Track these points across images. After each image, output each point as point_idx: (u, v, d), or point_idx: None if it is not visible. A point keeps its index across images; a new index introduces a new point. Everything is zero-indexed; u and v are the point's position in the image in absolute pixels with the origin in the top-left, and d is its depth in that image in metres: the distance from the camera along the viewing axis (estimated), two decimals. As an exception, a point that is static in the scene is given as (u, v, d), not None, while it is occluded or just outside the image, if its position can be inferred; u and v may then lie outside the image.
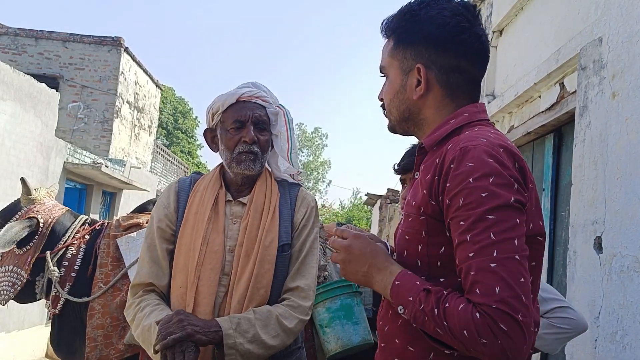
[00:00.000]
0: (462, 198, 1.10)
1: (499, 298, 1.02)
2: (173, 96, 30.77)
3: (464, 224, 1.09)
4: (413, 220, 1.23)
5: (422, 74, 1.28)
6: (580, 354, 2.62)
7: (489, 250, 1.05)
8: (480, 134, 1.19)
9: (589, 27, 2.88)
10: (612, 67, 2.59)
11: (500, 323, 1.01)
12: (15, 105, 7.59)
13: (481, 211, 1.07)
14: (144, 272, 1.82)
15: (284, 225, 1.84)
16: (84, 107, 13.95)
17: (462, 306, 1.05)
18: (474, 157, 1.12)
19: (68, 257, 2.60)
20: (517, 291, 1.03)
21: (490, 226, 1.06)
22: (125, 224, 2.65)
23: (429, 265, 1.20)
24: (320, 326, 2.29)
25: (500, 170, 1.10)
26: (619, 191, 2.42)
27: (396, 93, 1.33)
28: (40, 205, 2.68)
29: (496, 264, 1.04)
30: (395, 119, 1.37)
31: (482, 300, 1.03)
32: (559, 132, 3.59)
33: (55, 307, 2.55)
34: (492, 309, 1.02)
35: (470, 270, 1.06)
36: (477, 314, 1.03)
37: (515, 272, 1.04)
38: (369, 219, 26.38)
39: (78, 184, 10.76)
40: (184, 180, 1.97)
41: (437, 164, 1.19)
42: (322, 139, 44.45)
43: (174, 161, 20.44)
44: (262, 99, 1.89)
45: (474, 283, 1.05)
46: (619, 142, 2.46)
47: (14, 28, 14.18)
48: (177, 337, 1.54)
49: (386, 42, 1.37)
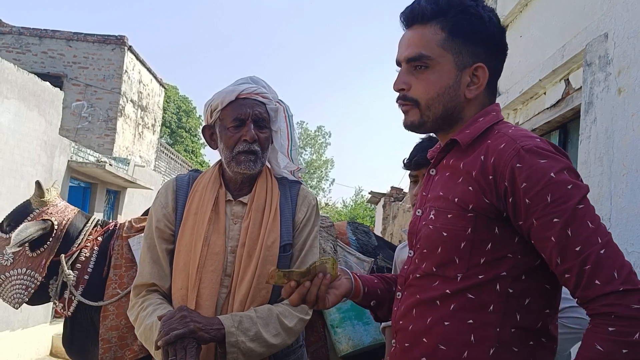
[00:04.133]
0: (549, 194, 1.09)
1: (622, 280, 1.03)
2: (177, 95, 30.79)
3: (559, 220, 1.08)
4: (455, 216, 1.19)
5: (482, 74, 1.26)
6: (586, 351, 2.60)
7: (594, 239, 1.07)
8: (528, 132, 1.20)
9: (595, 22, 2.86)
10: (618, 63, 2.57)
11: (632, 303, 1.02)
12: (19, 103, 7.60)
13: (574, 203, 1.09)
14: (146, 273, 1.81)
15: (285, 225, 1.82)
16: (88, 105, 13.97)
17: (597, 346, 1.03)
18: (541, 154, 1.12)
19: (81, 259, 2.59)
20: (628, 265, 1.06)
21: (584, 215, 1.09)
22: (137, 225, 2.64)
23: (469, 262, 1.17)
24: (331, 326, 2.28)
25: (568, 162, 1.14)
26: (625, 188, 2.40)
27: (447, 88, 1.25)
28: (53, 207, 2.65)
29: (604, 250, 1.06)
30: (434, 115, 1.27)
31: (607, 289, 1.03)
32: (564, 129, 3.57)
33: (68, 309, 2.55)
34: (619, 293, 1.02)
35: (584, 265, 1.06)
36: (609, 328, 1.02)
37: (618, 251, 1.08)
38: (372, 218, 26.35)
39: (82, 183, 10.78)
40: (181, 179, 1.93)
41: (483, 161, 1.17)
42: (325, 137, 44.43)
43: (177, 160, 20.47)
44: (262, 95, 1.84)
45: (592, 276, 1.05)
46: (625, 139, 2.44)
47: (18, 27, 14.21)
48: (179, 333, 1.53)
49: (429, 28, 1.26)
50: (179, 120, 30.28)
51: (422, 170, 2.08)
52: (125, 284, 2.50)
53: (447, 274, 1.20)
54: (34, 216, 2.59)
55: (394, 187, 14.29)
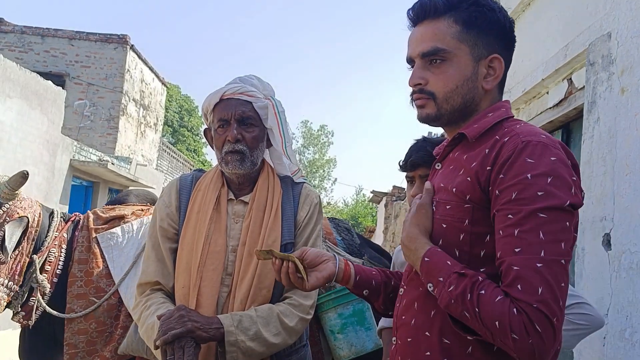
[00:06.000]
0: (516, 192, 1.08)
1: (541, 299, 1.01)
2: (179, 94, 30.85)
3: (513, 217, 1.07)
4: (453, 207, 1.19)
5: (498, 65, 1.26)
6: (589, 351, 2.60)
7: (536, 249, 1.04)
8: (536, 129, 1.18)
9: (598, 22, 2.85)
10: (621, 63, 2.56)
11: (537, 323, 1.01)
12: (22, 102, 7.61)
13: (534, 208, 1.06)
14: (151, 271, 1.81)
15: (286, 224, 1.82)
16: (90, 104, 14.00)
17: (500, 298, 1.04)
18: (534, 153, 1.10)
19: (51, 260, 2.26)
20: (558, 295, 1.03)
21: (541, 225, 1.05)
22: (105, 215, 2.41)
23: (469, 254, 1.17)
24: (331, 332, 2.24)
25: (560, 172, 1.09)
26: (628, 187, 2.39)
27: (466, 80, 1.25)
28: (24, 201, 2.24)
29: (542, 265, 1.03)
30: (451, 108, 1.26)
31: (523, 298, 1.02)
32: (567, 129, 3.55)
33: (28, 318, 2.21)
34: (532, 307, 1.01)
35: (513, 265, 1.05)
36: (514, 309, 1.02)
37: (559, 276, 1.04)
38: (374, 217, 26.35)
39: (84, 181, 10.80)
40: (185, 178, 1.94)
41: (487, 154, 1.17)
42: (328, 137, 44.42)
43: (179, 159, 20.49)
44: (247, 93, 1.83)
45: (517, 278, 1.04)
46: (628, 138, 2.44)
47: (20, 26, 14.23)
48: (177, 332, 1.53)
49: (442, 22, 1.25)
50: (181, 119, 30.34)
51: (418, 171, 2.06)
52: (94, 282, 2.24)
53: None
54: (5, 212, 2.16)
55: (395, 187, 14.26)
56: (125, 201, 2.59)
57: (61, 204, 9.34)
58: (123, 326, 2.18)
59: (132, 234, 2.37)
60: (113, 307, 2.22)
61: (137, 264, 2.25)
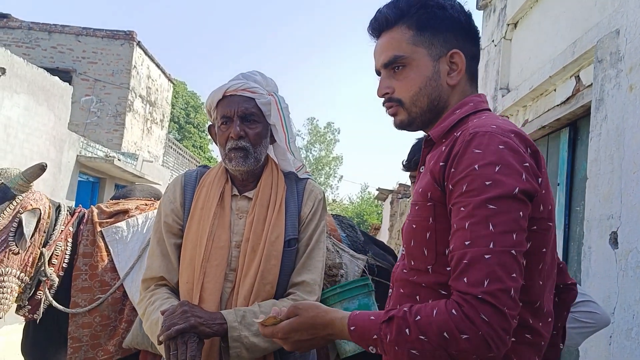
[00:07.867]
0: (466, 184, 1.07)
1: (486, 290, 0.99)
2: (185, 91, 30.90)
3: (464, 210, 1.06)
4: (420, 207, 1.20)
5: (459, 60, 1.27)
6: (595, 350, 2.59)
7: (485, 241, 1.02)
8: (489, 121, 1.17)
9: (606, 19, 2.83)
10: (630, 60, 2.54)
11: (482, 312, 0.99)
12: (29, 98, 7.64)
13: (482, 199, 1.04)
14: (156, 266, 1.81)
15: (290, 220, 1.82)
16: (97, 100, 14.05)
17: (436, 310, 1.03)
18: (481, 143, 1.09)
19: (57, 254, 2.26)
20: (508, 285, 1.00)
21: (490, 216, 1.04)
22: (109, 210, 2.41)
23: (435, 253, 1.16)
24: None
25: (509, 159, 1.07)
26: (636, 186, 2.37)
27: (428, 80, 1.27)
28: (36, 194, 2.25)
29: (490, 256, 1.01)
30: (420, 110, 1.29)
31: (468, 290, 1.01)
32: (574, 126, 3.53)
33: (34, 311, 2.21)
34: (477, 299, 0.99)
35: (463, 259, 1.04)
36: (452, 310, 1.01)
37: (509, 267, 1.01)
38: (379, 214, 26.34)
39: (91, 177, 10.84)
40: (190, 174, 1.94)
41: (445, 152, 1.17)
42: (335, 134, 44.36)
43: (185, 155, 20.54)
44: (250, 90, 1.83)
45: (463, 272, 1.03)
46: (636, 136, 2.42)
47: (27, 22, 14.29)
48: (180, 328, 1.53)
49: (396, 30, 1.30)
50: (187, 115, 30.40)
51: None
52: (98, 276, 2.24)
53: (420, 267, 1.20)
54: (18, 204, 2.16)
55: (401, 184, 14.23)
56: (129, 196, 2.60)
57: (68, 199, 9.38)
58: (127, 320, 2.18)
59: (137, 228, 2.36)
60: (117, 301, 2.22)
61: (142, 258, 2.24)
